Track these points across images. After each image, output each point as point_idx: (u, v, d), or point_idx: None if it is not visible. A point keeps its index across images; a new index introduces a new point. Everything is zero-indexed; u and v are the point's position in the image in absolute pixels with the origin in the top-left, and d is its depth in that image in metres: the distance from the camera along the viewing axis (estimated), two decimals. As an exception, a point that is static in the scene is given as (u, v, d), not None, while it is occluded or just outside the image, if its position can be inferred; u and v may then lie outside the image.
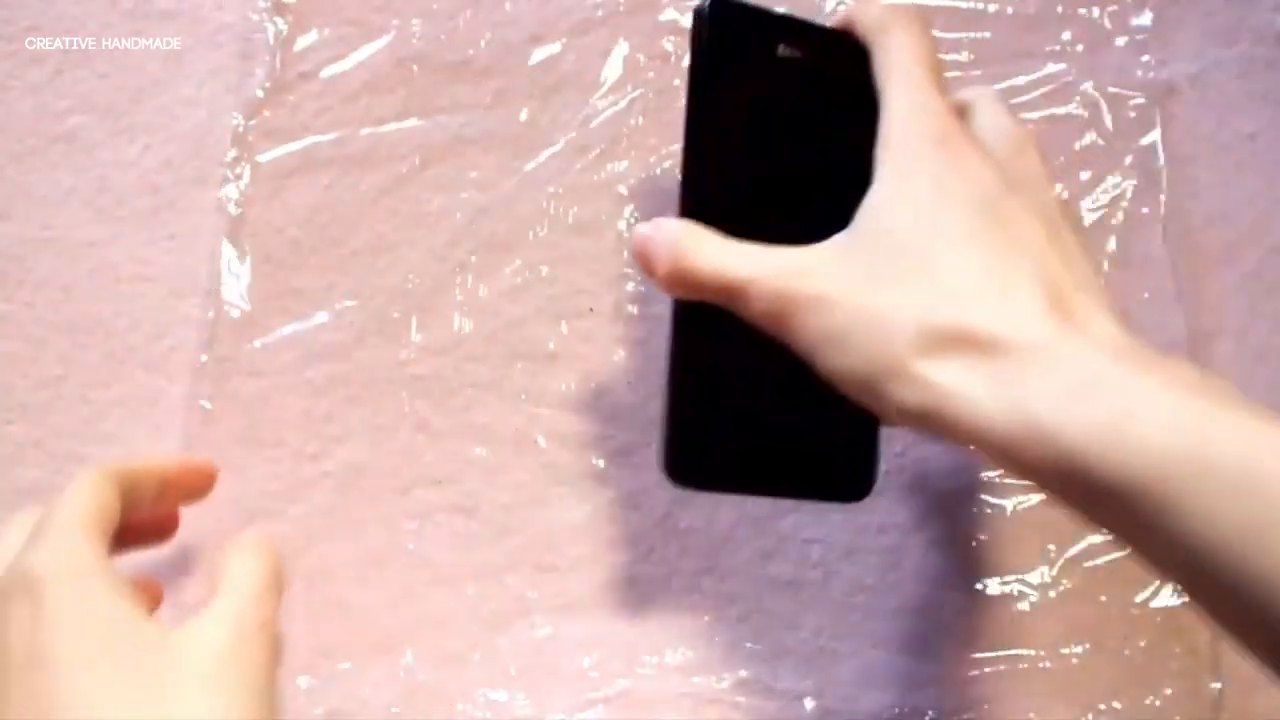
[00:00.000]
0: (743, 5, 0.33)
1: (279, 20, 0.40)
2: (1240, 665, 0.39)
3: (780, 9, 0.33)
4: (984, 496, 0.40)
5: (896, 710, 0.39)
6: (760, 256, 0.31)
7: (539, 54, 0.40)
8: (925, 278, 0.29)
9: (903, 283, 0.29)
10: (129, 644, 0.28)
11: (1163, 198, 0.40)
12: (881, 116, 0.32)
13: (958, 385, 0.28)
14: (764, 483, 0.34)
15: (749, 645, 0.39)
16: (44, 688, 0.28)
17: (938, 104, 0.31)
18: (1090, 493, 0.27)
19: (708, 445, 0.33)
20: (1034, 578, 0.40)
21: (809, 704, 0.38)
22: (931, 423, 0.29)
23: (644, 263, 0.32)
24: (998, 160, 0.31)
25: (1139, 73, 0.40)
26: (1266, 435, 0.25)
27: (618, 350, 0.40)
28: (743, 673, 0.39)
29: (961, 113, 0.33)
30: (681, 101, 0.33)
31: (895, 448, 0.40)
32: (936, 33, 0.40)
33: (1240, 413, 0.25)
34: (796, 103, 0.33)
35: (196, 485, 0.37)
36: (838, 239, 0.31)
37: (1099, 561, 0.40)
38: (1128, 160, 0.40)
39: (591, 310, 0.40)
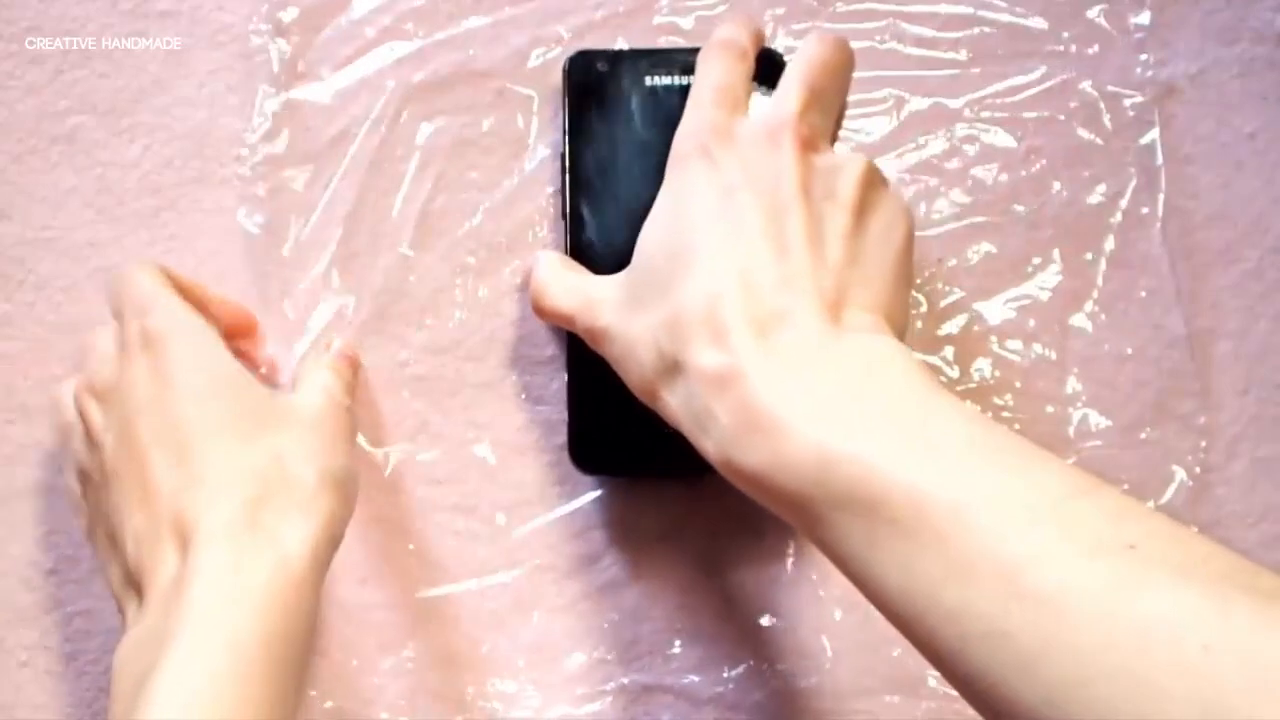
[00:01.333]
0: (606, 52, 0.37)
1: (280, 20, 0.40)
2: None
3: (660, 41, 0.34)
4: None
5: (895, 707, 0.39)
6: (580, 292, 0.33)
7: (539, 54, 0.40)
8: (662, 300, 0.30)
9: (649, 307, 0.30)
10: (240, 389, 0.33)
11: (1162, 197, 0.40)
12: None
13: (681, 411, 0.29)
14: (668, 465, 0.36)
15: (749, 642, 0.39)
16: (171, 414, 0.31)
17: (707, 120, 0.31)
18: (786, 511, 0.28)
19: (606, 436, 0.37)
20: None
21: (807, 701, 0.38)
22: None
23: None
24: (751, 150, 0.31)
25: (1138, 72, 0.40)
26: (879, 451, 0.25)
27: (618, 350, 0.40)
28: (742, 669, 0.39)
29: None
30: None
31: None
32: (936, 32, 0.40)
33: (860, 430, 0.26)
34: (666, 130, 0.33)
35: (240, 323, 0.38)
36: (627, 268, 0.32)
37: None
38: (1127, 160, 0.40)
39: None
